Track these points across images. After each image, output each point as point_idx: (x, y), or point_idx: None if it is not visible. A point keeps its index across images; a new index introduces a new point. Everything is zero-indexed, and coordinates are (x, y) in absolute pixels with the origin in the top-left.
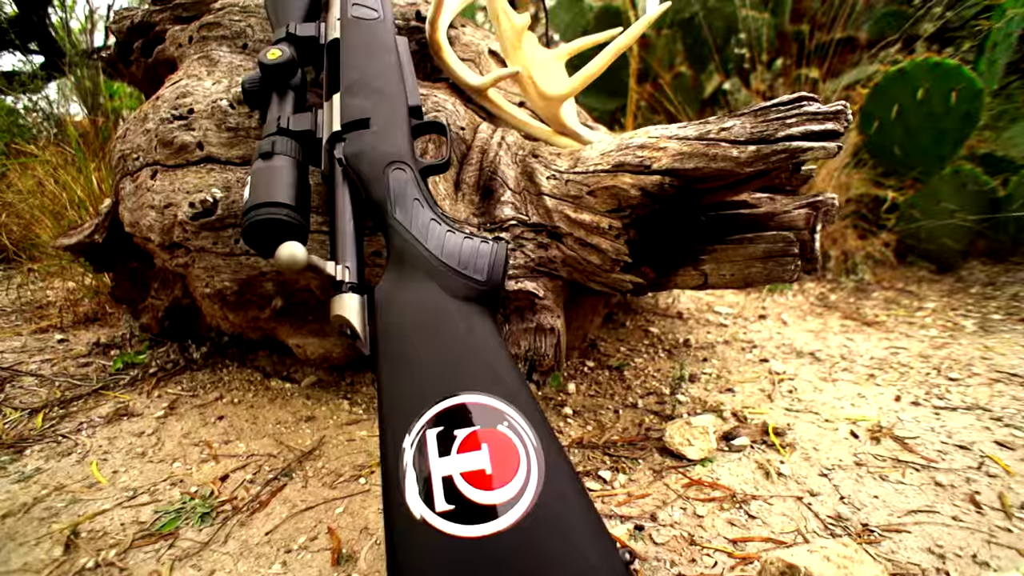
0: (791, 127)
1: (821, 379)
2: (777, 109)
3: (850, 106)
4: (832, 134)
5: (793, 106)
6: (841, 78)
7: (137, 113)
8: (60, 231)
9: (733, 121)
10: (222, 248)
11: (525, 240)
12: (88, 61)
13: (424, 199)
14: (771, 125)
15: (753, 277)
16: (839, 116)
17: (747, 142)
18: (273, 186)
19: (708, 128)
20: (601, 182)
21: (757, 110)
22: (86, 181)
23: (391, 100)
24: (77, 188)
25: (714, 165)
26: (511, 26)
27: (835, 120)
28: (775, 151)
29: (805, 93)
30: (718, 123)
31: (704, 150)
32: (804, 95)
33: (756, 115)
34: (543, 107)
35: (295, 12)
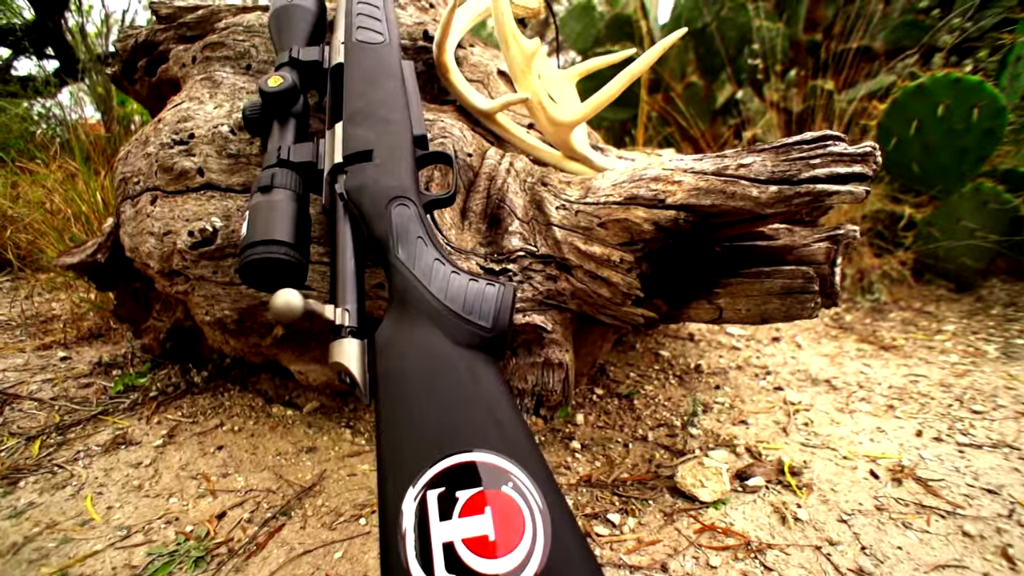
0: (815, 168)
1: (838, 410)
2: (800, 147)
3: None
4: (859, 177)
5: (817, 145)
6: (857, 88)
7: (139, 135)
8: (65, 247)
9: (753, 157)
10: (222, 277)
11: (533, 272)
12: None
13: (428, 237)
14: (794, 165)
15: (770, 314)
16: (867, 158)
17: (768, 182)
18: (271, 222)
19: (726, 163)
20: (612, 214)
21: (779, 147)
22: (91, 196)
23: (395, 130)
24: (83, 204)
25: (732, 203)
26: (520, 51)
27: (863, 163)
28: (798, 193)
29: (830, 132)
30: (736, 158)
31: (722, 187)
32: (829, 134)
33: (778, 153)
34: (553, 133)
35: (299, 35)
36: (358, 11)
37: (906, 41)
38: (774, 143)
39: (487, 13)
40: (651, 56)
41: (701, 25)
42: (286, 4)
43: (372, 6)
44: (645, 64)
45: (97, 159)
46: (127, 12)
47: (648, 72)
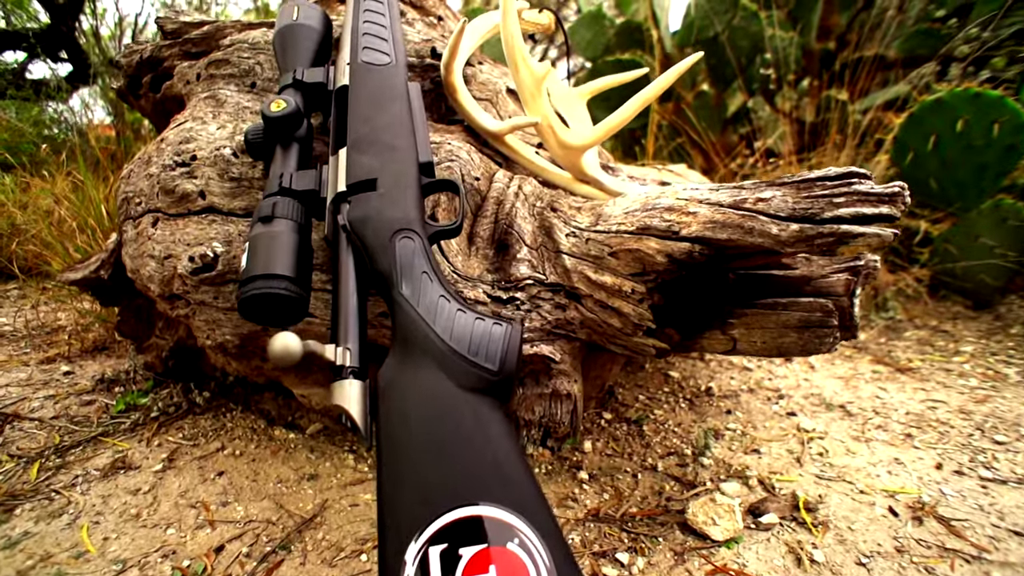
0: (839, 207)
1: (854, 438)
2: (823, 184)
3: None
4: (886, 218)
5: (841, 182)
6: (872, 97)
7: (141, 154)
8: (70, 260)
9: (772, 192)
10: (223, 303)
11: (542, 300)
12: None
13: (432, 271)
14: (816, 203)
15: (787, 347)
16: (895, 199)
17: (789, 219)
18: (272, 256)
19: (744, 196)
20: (624, 244)
21: (800, 182)
22: (96, 209)
23: (400, 157)
24: (89, 217)
25: (750, 239)
26: (531, 74)
27: (890, 203)
28: (821, 233)
29: (855, 169)
30: (755, 191)
31: (739, 221)
32: (854, 171)
33: (799, 188)
34: (563, 156)
35: (303, 55)
36: (364, 30)
37: (921, 50)
38: (795, 177)
39: (496, 30)
40: (665, 81)
41: (712, 34)
42: (291, 23)
43: (379, 25)
44: (659, 89)
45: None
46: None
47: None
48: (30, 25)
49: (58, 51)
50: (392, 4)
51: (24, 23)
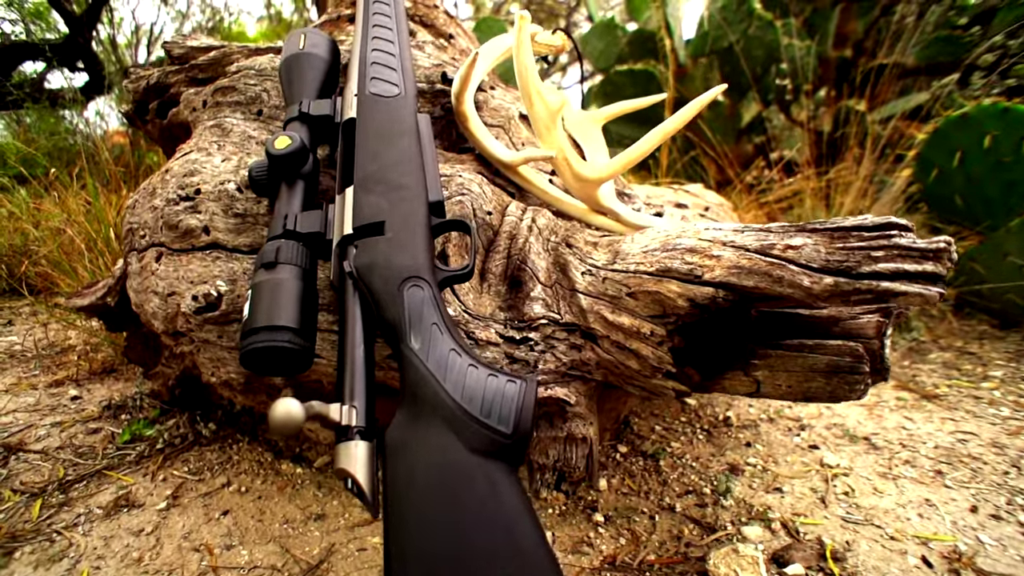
0: (878, 261)
1: (880, 475)
2: (859, 235)
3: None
4: (931, 277)
5: (880, 234)
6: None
7: (147, 185)
8: (78, 283)
9: (803, 239)
10: (227, 342)
11: (556, 341)
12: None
13: (443, 322)
14: (852, 255)
15: (814, 393)
16: (940, 256)
17: (822, 271)
18: (275, 306)
19: (771, 241)
20: (643, 285)
21: (834, 230)
22: (105, 231)
23: (409, 197)
24: (98, 238)
25: (778, 289)
26: (545, 107)
27: (935, 260)
28: (858, 289)
29: (894, 219)
30: (783, 236)
31: (767, 269)
32: (893, 221)
33: (833, 237)
34: (579, 189)
35: (309, 86)
36: (373, 59)
37: (942, 57)
38: (827, 224)
39: (509, 53)
40: (687, 114)
41: (727, 44)
42: (297, 53)
43: (387, 54)
44: (680, 122)
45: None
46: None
47: (672, 91)
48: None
49: (75, 61)
50: (401, 30)
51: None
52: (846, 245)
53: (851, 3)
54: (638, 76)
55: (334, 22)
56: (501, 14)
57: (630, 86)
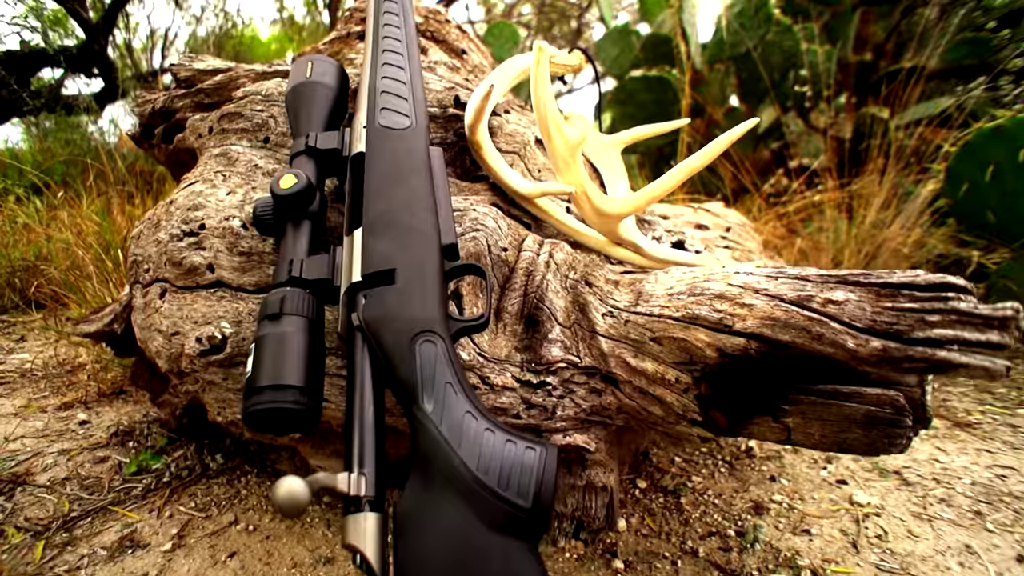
0: (933, 327)
1: (915, 515)
2: (910, 294)
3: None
4: (996, 346)
5: (935, 295)
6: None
7: (151, 215)
8: (85, 306)
9: (845, 293)
10: (233, 384)
11: (576, 385)
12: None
13: (457, 381)
14: (903, 317)
15: (850, 444)
16: (1007, 324)
17: (868, 332)
18: (280, 363)
19: (809, 292)
20: (668, 331)
21: (880, 286)
22: (114, 252)
23: (421, 241)
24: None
25: (818, 347)
26: (564, 142)
27: (1000, 330)
28: (911, 357)
29: (951, 279)
30: (823, 287)
31: (805, 324)
32: (950, 282)
33: (879, 295)
34: (599, 223)
35: (316, 117)
36: (382, 88)
37: (967, 60)
38: (873, 277)
39: (524, 75)
40: (715, 150)
41: (744, 50)
42: (304, 81)
43: (397, 82)
44: (707, 158)
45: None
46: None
47: (688, 97)
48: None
49: (91, 68)
50: (412, 54)
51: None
52: (896, 305)
53: (871, 6)
54: (652, 82)
55: (343, 39)
56: (513, 16)
57: (644, 92)
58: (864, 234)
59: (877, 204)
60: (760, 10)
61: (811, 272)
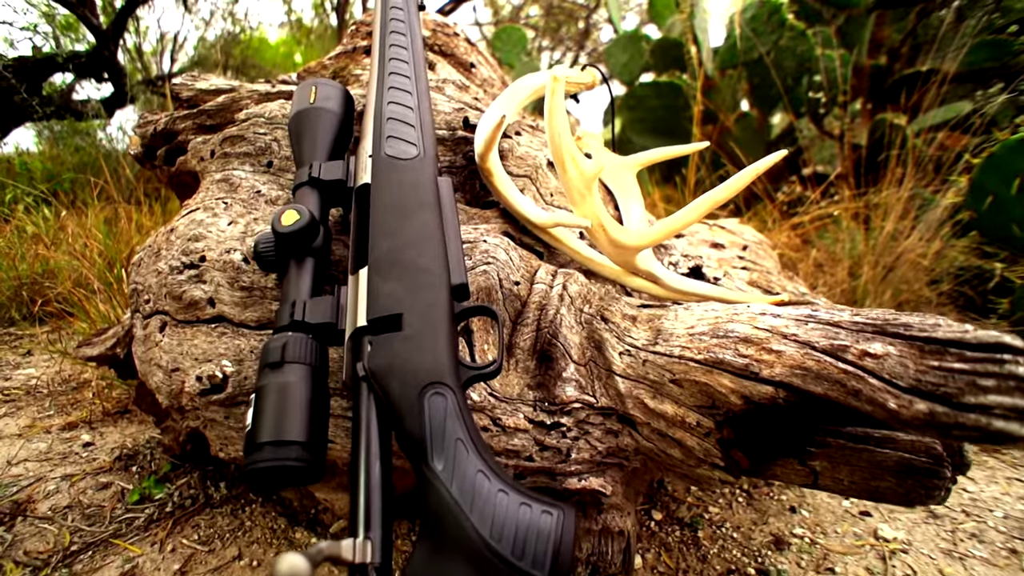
0: (987, 392)
1: (945, 552)
2: (960, 353)
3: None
4: None
5: (987, 356)
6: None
7: (152, 242)
8: (87, 323)
9: (884, 346)
10: (234, 423)
11: (591, 426)
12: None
13: (469, 437)
14: (952, 379)
15: (883, 492)
16: None
17: (913, 392)
18: (282, 417)
19: (843, 342)
20: (690, 374)
21: (924, 340)
22: (118, 269)
23: (429, 282)
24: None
25: (854, 403)
26: (579, 174)
27: None
28: (962, 425)
29: (1005, 339)
30: (858, 337)
31: (839, 377)
32: (1004, 342)
33: (923, 350)
34: (615, 254)
35: (320, 144)
36: (389, 114)
37: (987, 63)
38: (915, 329)
39: (537, 94)
40: (740, 182)
41: (757, 56)
42: (307, 108)
43: (405, 107)
44: (733, 190)
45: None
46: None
47: (700, 103)
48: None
49: (101, 73)
50: (420, 76)
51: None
52: (943, 365)
53: (887, 8)
54: (663, 88)
55: (349, 54)
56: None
57: (654, 98)
58: (881, 245)
59: (895, 214)
60: (773, 15)
61: (844, 317)
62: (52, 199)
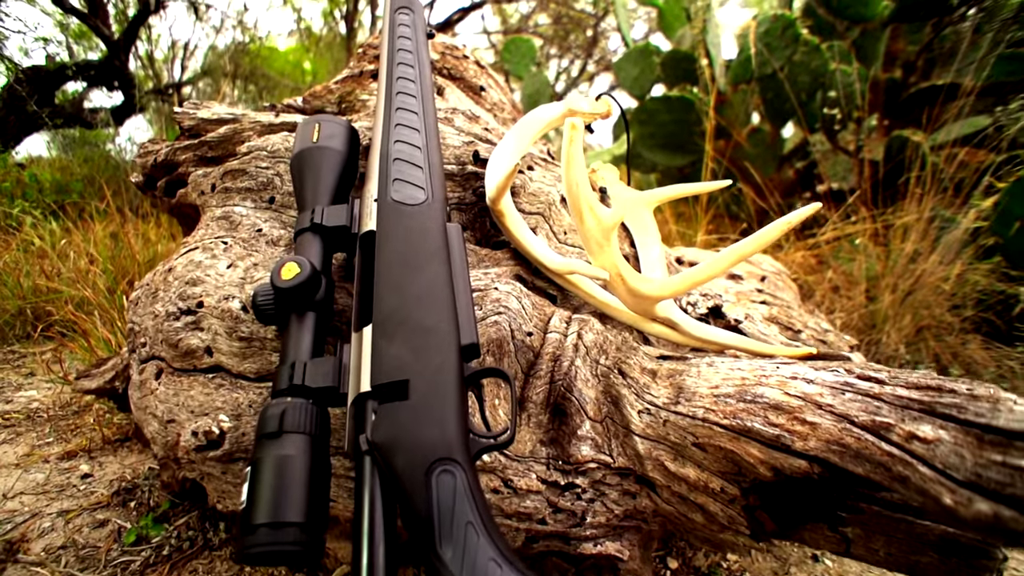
0: None
1: None
2: None
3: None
4: None
5: None
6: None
7: (150, 280)
8: (88, 353)
9: (934, 429)
10: (232, 479)
11: (608, 487)
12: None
13: (480, 521)
14: (1019, 477)
15: (923, 569)
16: None
17: (971, 487)
18: (279, 496)
19: (886, 419)
20: (715, 439)
21: (984, 427)
22: (119, 299)
23: (437, 344)
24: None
25: (901, 490)
26: (598, 224)
27: None
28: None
29: None
30: (903, 415)
31: (882, 459)
32: None
33: (981, 442)
34: (634, 304)
35: (324, 186)
36: (395, 154)
37: (1006, 77)
38: (970, 413)
39: (550, 126)
40: (771, 235)
41: (771, 71)
42: (310, 147)
43: (412, 146)
44: (762, 243)
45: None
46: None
47: (712, 119)
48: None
49: (112, 82)
50: (428, 111)
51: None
52: (1008, 461)
53: (903, 22)
54: (674, 103)
55: (356, 78)
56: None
57: (665, 113)
58: (900, 267)
59: (916, 234)
60: (787, 30)
61: (885, 390)
62: (60, 213)
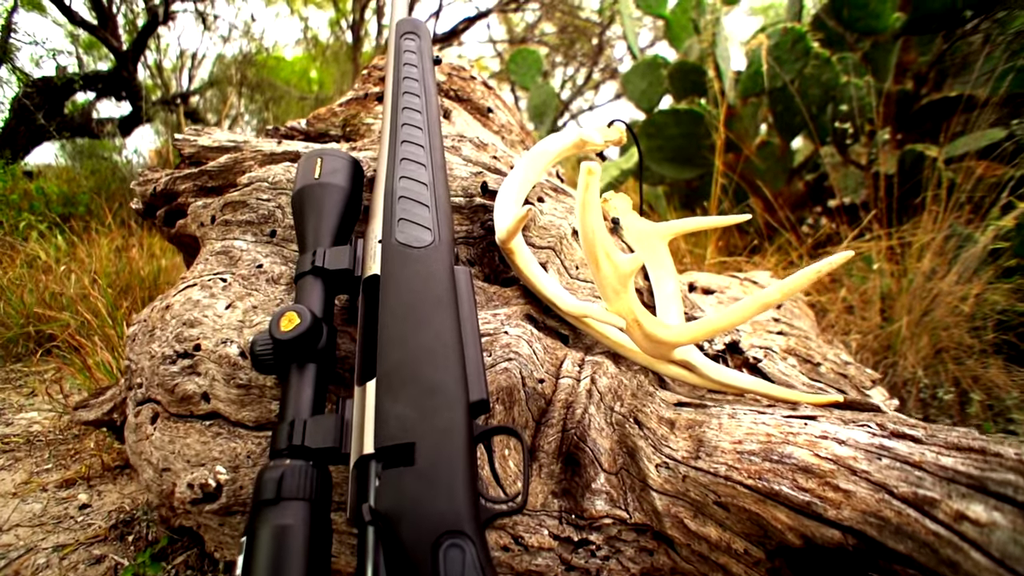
0: None
1: None
2: None
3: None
4: None
5: None
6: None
7: (147, 316)
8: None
9: (988, 511)
10: (229, 531)
11: (623, 543)
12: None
13: None
14: None
15: None
16: None
17: None
18: (278, 569)
19: (929, 492)
20: (738, 499)
21: None
22: (119, 327)
23: (445, 403)
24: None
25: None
26: (614, 270)
27: None
28: None
29: None
30: (949, 489)
31: (927, 537)
32: None
33: None
34: (651, 348)
35: (326, 225)
36: (401, 192)
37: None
38: None
39: (561, 156)
40: (799, 283)
41: (781, 84)
42: (312, 183)
43: (418, 183)
44: (790, 291)
45: None
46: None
47: (722, 133)
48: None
49: (120, 92)
50: (435, 144)
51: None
52: None
53: (914, 34)
54: (682, 116)
55: (360, 101)
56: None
57: (674, 126)
58: (917, 286)
59: (931, 252)
60: (798, 43)
61: (926, 456)
62: (65, 227)
